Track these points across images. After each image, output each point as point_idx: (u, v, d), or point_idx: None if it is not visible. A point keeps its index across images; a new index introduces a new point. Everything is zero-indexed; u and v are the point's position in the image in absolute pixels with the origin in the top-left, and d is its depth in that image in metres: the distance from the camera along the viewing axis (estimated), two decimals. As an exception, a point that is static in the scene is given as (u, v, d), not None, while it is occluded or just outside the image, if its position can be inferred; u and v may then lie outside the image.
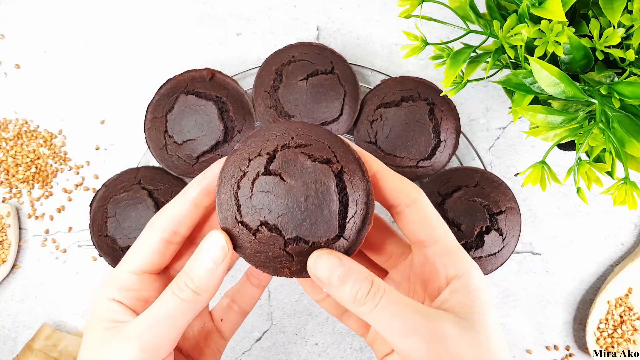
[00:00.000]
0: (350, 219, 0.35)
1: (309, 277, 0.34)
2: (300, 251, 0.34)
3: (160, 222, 0.34)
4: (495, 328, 0.32)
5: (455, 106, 0.60)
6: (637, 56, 0.39)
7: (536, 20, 0.39)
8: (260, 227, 0.33)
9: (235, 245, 0.34)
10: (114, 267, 0.58)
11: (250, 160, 0.34)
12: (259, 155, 0.34)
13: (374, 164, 0.35)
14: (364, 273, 0.32)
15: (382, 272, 0.40)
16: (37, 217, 0.64)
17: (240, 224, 0.34)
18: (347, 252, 0.34)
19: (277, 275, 0.35)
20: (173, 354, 0.34)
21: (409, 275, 0.38)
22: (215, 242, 0.32)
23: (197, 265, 0.32)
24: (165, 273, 0.37)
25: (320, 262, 0.32)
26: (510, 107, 0.55)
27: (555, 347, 0.64)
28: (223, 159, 0.35)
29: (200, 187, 0.34)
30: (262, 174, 0.34)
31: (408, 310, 0.31)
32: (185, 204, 0.34)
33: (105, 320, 0.33)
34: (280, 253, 0.34)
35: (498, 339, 0.32)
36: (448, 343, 0.30)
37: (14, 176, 0.64)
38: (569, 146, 0.55)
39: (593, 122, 0.38)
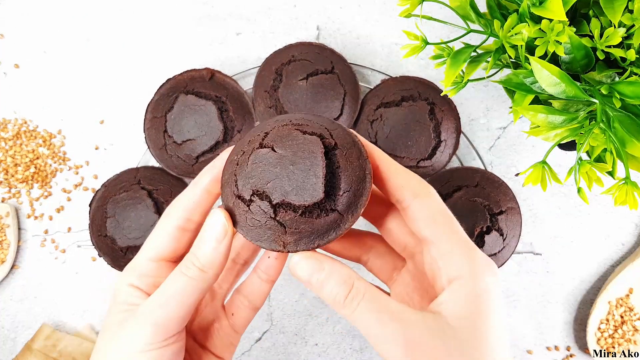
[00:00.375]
0: (344, 192, 0.34)
1: (307, 250, 0.34)
2: (290, 220, 0.33)
3: (175, 210, 0.36)
4: (492, 338, 0.32)
5: (455, 106, 0.60)
6: (637, 56, 0.39)
7: (537, 19, 0.39)
8: (252, 197, 0.34)
9: (235, 222, 0.35)
10: (113, 267, 0.58)
11: (249, 142, 0.35)
12: (258, 135, 0.35)
13: (377, 155, 0.35)
14: (344, 276, 0.32)
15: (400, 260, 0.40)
16: (36, 217, 0.64)
17: (237, 198, 0.34)
18: (340, 226, 0.34)
19: (273, 250, 0.35)
20: (184, 333, 0.35)
21: (416, 272, 0.38)
22: (216, 221, 0.33)
23: (201, 244, 0.33)
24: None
25: (301, 264, 0.33)
26: (510, 107, 0.55)
27: (556, 348, 0.64)
28: (231, 147, 0.37)
29: (211, 174, 0.36)
30: (256, 149, 0.34)
31: (386, 317, 0.31)
32: (197, 192, 0.36)
33: (123, 304, 0.35)
34: (272, 223, 0.34)
35: (492, 350, 0.31)
36: (423, 352, 0.30)
37: (13, 176, 0.64)
38: (569, 146, 0.55)
39: (594, 122, 0.38)
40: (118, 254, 0.58)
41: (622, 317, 0.62)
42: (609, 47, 0.39)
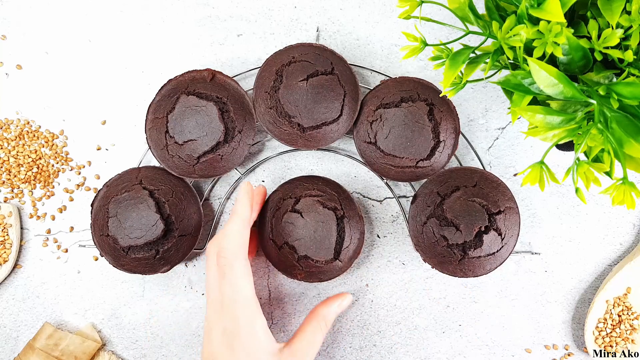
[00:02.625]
0: (345, 247, 0.58)
1: (312, 282, 0.60)
2: (307, 265, 0.58)
3: (246, 249, 0.55)
4: None
5: (454, 107, 0.60)
6: (635, 57, 0.39)
7: (535, 21, 0.39)
8: (283, 245, 0.58)
9: (267, 254, 0.60)
10: (115, 266, 0.59)
11: (282, 200, 0.60)
12: (290, 197, 0.59)
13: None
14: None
15: None
16: (38, 217, 0.64)
17: (271, 241, 0.59)
18: (338, 270, 0.59)
19: (290, 277, 0.60)
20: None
21: None
22: (348, 300, 0.61)
23: (334, 315, 0.59)
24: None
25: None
26: (509, 108, 0.56)
27: (554, 347, 0.64)
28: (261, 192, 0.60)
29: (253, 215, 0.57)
30: (289, 211, 0.58)
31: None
32: (248, 229, 0.56)
33: (270, 346, 0.54)
34: (294, 264, 0.58)
35: None
36: None
37: (15, 176, 0.64)
38: (567, 146, 0.55)
39: (591, 122, 0.39)
40: (120, 254, 0.58)
41: (619, 316, 0.62)
42: (607, 48, 0.39)
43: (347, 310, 0.64)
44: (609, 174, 0.41)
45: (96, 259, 0.65)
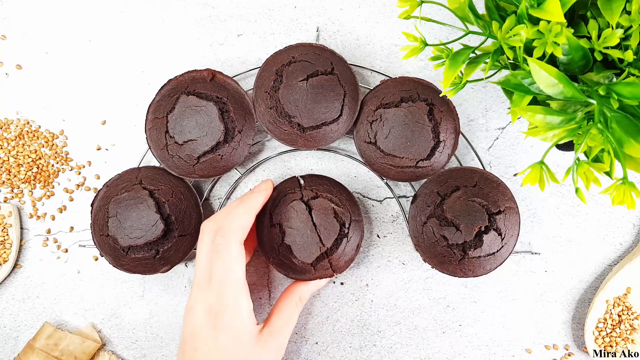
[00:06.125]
0: (331, 257, 0.59)
1: (280, 273, 0.60)
2: (284, 255, 0.59)
3: (244, 235, 0.54)
4: None
5: (454, 106, 0.60)
6: (635, 57, 0.39)
7: (535, 21, 0.39)
8: (276, 225, 0.58)
9: (257, 226, 0.60)
10: (115, 266, 0.59)
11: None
12: (309, 189, 0.60)
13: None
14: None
15: None
16: (38, 217, 0.64)
17: (268, 214, 0.59)
18: (312, 275, 0.59)
19: (264, 256, 0.60)
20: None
21: None
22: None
23: (309, 293, 0.60)
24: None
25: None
26: (509, 108, 0.56)
27: (555, 347, 0.64)
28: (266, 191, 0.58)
29: (263, 203, 0.58)
30: (300, 200, 0.59)
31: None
32: (253, 217, 0.56)
33: (250, 325, 0.53)
34: (275, 247, 0.59)
35: None
36: None
37: (15, 176, 0.64)
38: (567, 146, 0.55)
39: (591, 122, 0.39)
40: (120, 254, 0.58)
41: (619, 316, 0.62)
42: (607, 48, 0.39)
43: (347, 311, 0.64)
44: (609, 174, 0.41)
45: (96, 259, 0.65)
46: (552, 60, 0.43)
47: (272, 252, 0.59)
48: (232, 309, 0.50)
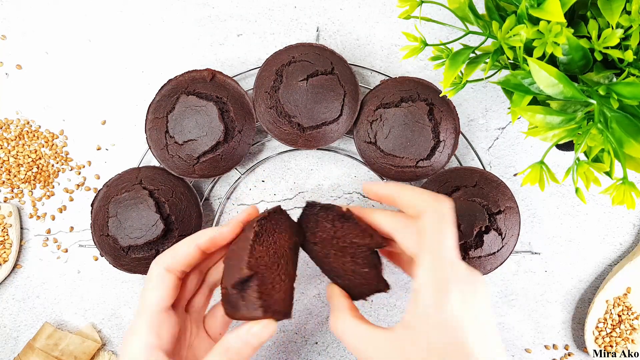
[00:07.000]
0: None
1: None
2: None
3: (172, 263, 0.44)
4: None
5: (454, 106, 0.60)
6: (635, 57, 0.39)
7: (535, 21, 0.39)
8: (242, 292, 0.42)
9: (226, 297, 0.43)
10: (115, 266, 0.58)
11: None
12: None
13: (383, 192, 0.44)
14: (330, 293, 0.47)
15: None
16: (38, 217, 0.64)
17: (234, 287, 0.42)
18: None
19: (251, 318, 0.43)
20: None
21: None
22: (266, 330, 0.40)
23: (245, 345, 0.41)
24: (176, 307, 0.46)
25: (329, 290, 0.48)
26: (509, 108, 0.56)
27: (554, 347, 0.64)
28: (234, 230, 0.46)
29: (210, 235, 0.44)
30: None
31: (353, 340, 0.41)
32: (191, 248, 0.44)
33: None
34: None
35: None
36: None
37: (15, 176, 0.64)
38: (567, 146, 0.55)
39: (591, 122, 0.39)
40: (120, 254, 0.58)
41: (619, 316, 0.62)
42: (607, 48, 0.39)
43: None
44: (609, 174, 0.42)
45: (96, 259, 0.65)
46: (552, 60, 0.43)
47: None
48: (126, 339, 0.43)
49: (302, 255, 0.49)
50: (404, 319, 0.38)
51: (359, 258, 0.44)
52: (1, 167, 0.64)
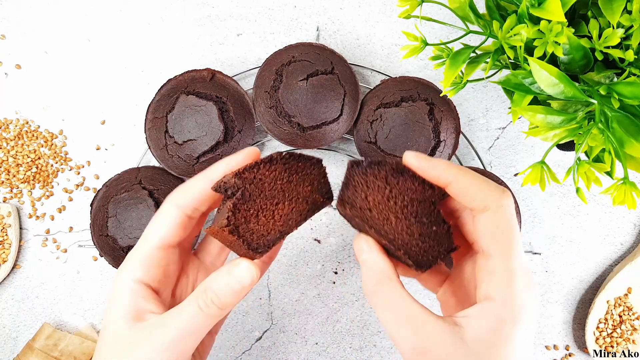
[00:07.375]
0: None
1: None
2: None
3: (184, 199, 0.38)
4: None
5: (455, 106, 0.60)
6: (636, 56, 0.39)
7: (535, 20, 0.39)
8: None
9: (237, 220, 0.36)
10: (114, 266, 0.58)
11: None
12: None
13: (449, 174, 0.36)
14: (375, 269, 0.36)
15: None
16: (37, 217, 0.64)
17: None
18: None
19: None
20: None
21: (457, 275, 0.40)
22: (246, 270, 0.35)
23: (226, 286, 0.35)
24: (180, 245, 0.39)
25: (357, 243, 0.37)
26: (509, 108, 0.55)
27: (555, 347, 0.64)
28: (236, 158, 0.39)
29: (225, 168, 0.37)
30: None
31: (402, 319, 0.33)
32: (207, 184, 0.37)
33: (131, 311, 0.35)
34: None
35: None
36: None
37: (14, 176, 0.64)
38: (568, 146, 0.55)
39: (592, 122, 0.38)
40: (119, 254, 0.58)
41: (620, 316, 0.62)
42: (608, 47, 0.39)
43: (347, 311, 0.64)
44: (609, 173, 0.41)
45: (95, 259, 0.64)
46: (553, 60, 0.43)
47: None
48: (116, 272, 0.38)
49: (303, 255, 0.48)
50: (472, 326, 0.33)
51: (423, 216, 0.38)
52: (0, 167, 0.64)
